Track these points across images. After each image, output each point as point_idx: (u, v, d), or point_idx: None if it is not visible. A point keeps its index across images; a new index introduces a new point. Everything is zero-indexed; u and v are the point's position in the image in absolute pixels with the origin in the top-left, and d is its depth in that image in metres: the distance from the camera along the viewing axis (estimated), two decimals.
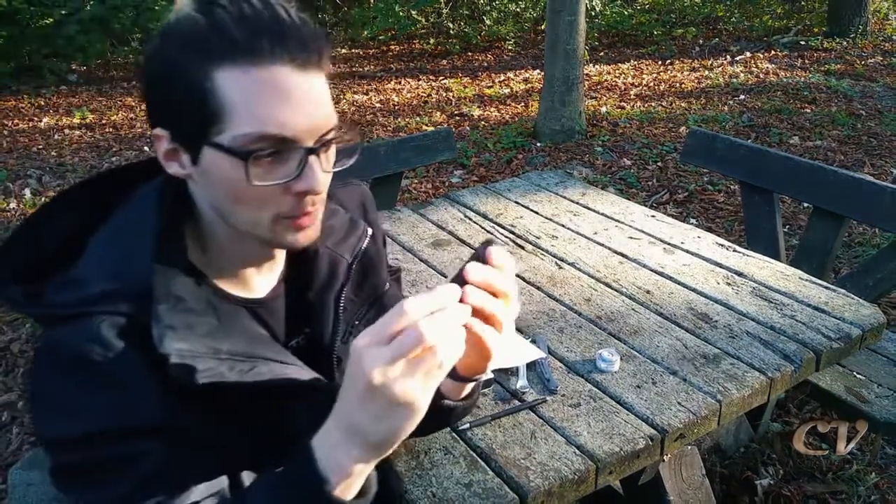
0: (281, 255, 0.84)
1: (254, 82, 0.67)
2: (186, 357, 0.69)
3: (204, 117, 0.68)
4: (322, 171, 0.72)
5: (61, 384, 0.69)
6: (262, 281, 0.83)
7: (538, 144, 4.93)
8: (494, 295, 0.68)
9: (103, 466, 0.68)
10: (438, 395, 0.90)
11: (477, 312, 0.68)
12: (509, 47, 8.28)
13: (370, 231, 0.92)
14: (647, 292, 1.59)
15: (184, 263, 0.76)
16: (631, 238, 1.86)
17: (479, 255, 0.69)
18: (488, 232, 1.93)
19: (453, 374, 0.86)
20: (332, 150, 0.76)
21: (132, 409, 0.68)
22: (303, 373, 0.80)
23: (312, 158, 0.71)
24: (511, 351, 1.34)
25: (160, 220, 0.74)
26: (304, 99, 0.69)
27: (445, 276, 1.68)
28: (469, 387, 0.89)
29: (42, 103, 6.49)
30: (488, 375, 1.28)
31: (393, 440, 0.62)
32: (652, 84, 6.37)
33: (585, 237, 1.87)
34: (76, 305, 0.70)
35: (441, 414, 0.92)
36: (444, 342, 0.59)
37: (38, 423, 0.71)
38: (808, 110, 5.35)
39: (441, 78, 7.07)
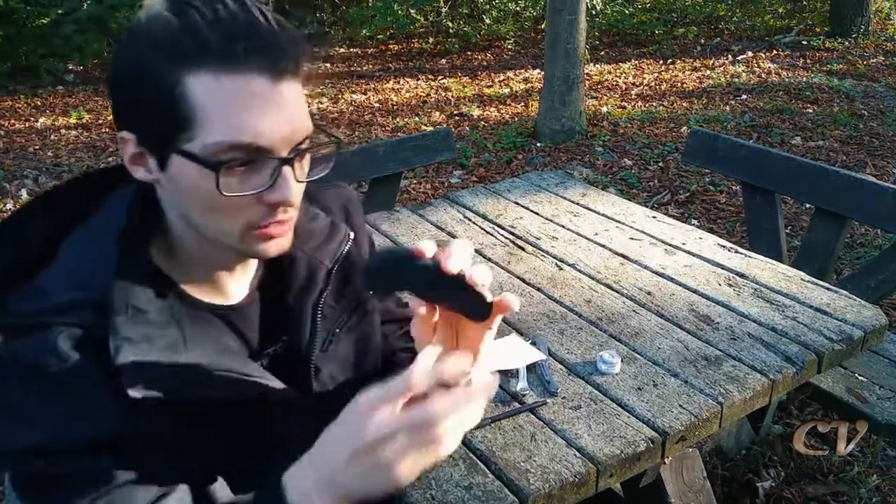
0: (255, 260, 0.82)
1: (226, 90, 0.65)
2: (140, 370, 0.67)
3: (173, 123, 0.66)
4: (296, 181, 0.70)
5: (18, 394, 0.68)
6: (235, 286, 0.80)
7: (538, 144, 4.92)
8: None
9: (55, 479, 0.67)
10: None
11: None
12: (509, 46, 8.27)
13: (352, 235, 0.89)
14: (649, 294, 1.58)
15: (148, 272, 0.73)
16: (632, 239, 1.85)
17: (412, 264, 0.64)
18: (488, 233, 1.92)
19: None
20: (308, 158, 0.73)
21: (88, 420, 0.67)
22: (270, 384, 0.77)
23: (286, 169, 0.68)
24: (511, 353, 1.33)
25: (127, 225, 0.72)
26: (278, 108, 0.66)
27: None
28: None
29: (38, 103, 6.48)
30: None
31: (371, 496, 0.60)
32: (653, 84, 6.36)
33: (586, 238, 1.86)
34: (35, 315, 0.69)
35: None
36: (454, 429, 0.58)
37: None
38: (810, 110, 5.35)
39: (440, 77, 7.06)
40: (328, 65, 7.76)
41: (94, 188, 0.79)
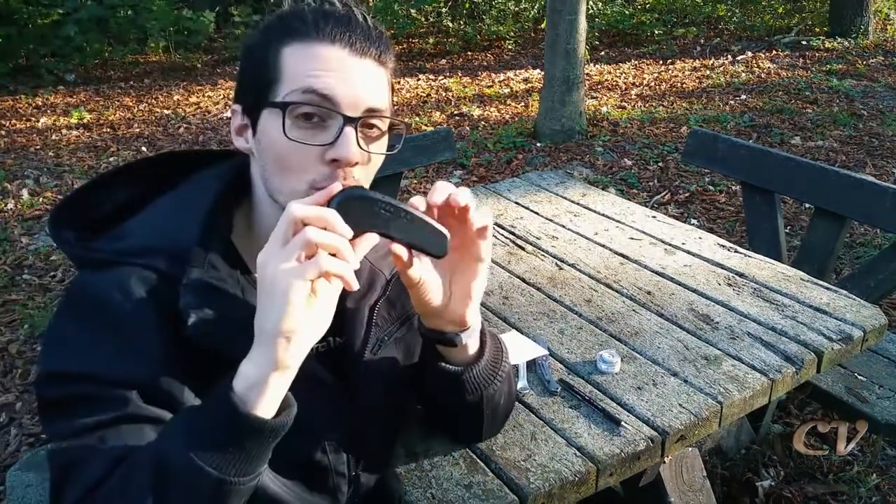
0: None
1: (311, 54, 0.75)
2: (202, 316, 0.73)
3: (265, 84, 0.76)
4: (358, 146, 0.76)
5: (74, 323, 0.74)
6: None
7: (538, 144, 4.92)
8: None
9: (77, 403, 0.71)
10: (436, 358, 0.93)
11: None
12: (509, 46, 8.27)
13: None
14: (648, 293, 1.58)
15: (226, 243, 0.81)
16: (632, 239, 1.85)
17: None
18: None
19: (438, 336, 0.88)
20: (380, 140, 0.81)
21: (131, 361, 0.72)
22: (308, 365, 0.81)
23: (349, 129, 0.75)
24: (511, 348, 1.33)
25: (215, 200, 0.80)
26: (353, 75, 0.76)
27: None
28: (469, 346, 0.90)
29: (39, 103, 6.48)
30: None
31: (274, 332, 0.65)
32: (653, 84, 6.36)
33: (586, 238, 1.87)
34: (115, 254, 0.76)
35: (452, 386, 0.94)
36: (317, 231, 0.64)
37: (42, 355, 0.75)
38: (810, 110, 5.35)
39: (440, 77, 7.06)
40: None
41: (185, 165, 0.88)
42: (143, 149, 5.18)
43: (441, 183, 0.74)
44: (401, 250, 0.74)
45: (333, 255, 0.66)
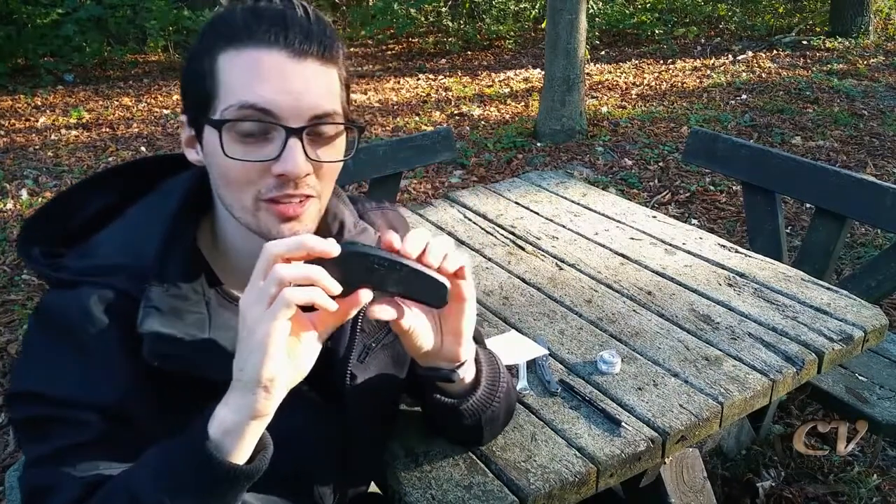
0: None
1: (246, 61, 0.69)
2: (161, 340, 0.70)
3: (205, 97, 0.71)
4: (305, 157, 0.71)
5: (41, 344, 0.73)
6: None
7: (538, 144, 4.92)
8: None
9: (44, 424, 0.70)
10: (433, 390, 0.91)
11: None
12: (509, 46, 8.27)
13: None
14: (649, 293, 1.58)
15: (190, 254, 0.78)
16: (632, 239, 1.85)
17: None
18: (488, 233, 1.92)
19: (435, 374, 0.86)
20: (331, 144, 0.76)
21: (96, 383, 0.70)
22: None
23: (293, 141, 0.70)
24: (511, 348, 1.33)
25: (178, 209, 0.77)
26: (292, 81, 0.70)
27: None
28: (465, 378, 0.89)
29: (38, 103, 6.48)
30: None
31: (253, 380, 0.63)
32: (653, 83, 6.36)
33: (586, 238, 1.86)
34: (77, 273, 0.74)
35: (451, 414, 0.93)
36: (286, 267, 0.62)
37: (13, 372, 0.76)
38: (811, 110, 5.34)
39: (440, 77, 7.06)
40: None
41: (154, 171, 0.85)
42: (143, 148, 5.17)
43: (414, 234, 0.70)
44: (388, 312, 0.72)
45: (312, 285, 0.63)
